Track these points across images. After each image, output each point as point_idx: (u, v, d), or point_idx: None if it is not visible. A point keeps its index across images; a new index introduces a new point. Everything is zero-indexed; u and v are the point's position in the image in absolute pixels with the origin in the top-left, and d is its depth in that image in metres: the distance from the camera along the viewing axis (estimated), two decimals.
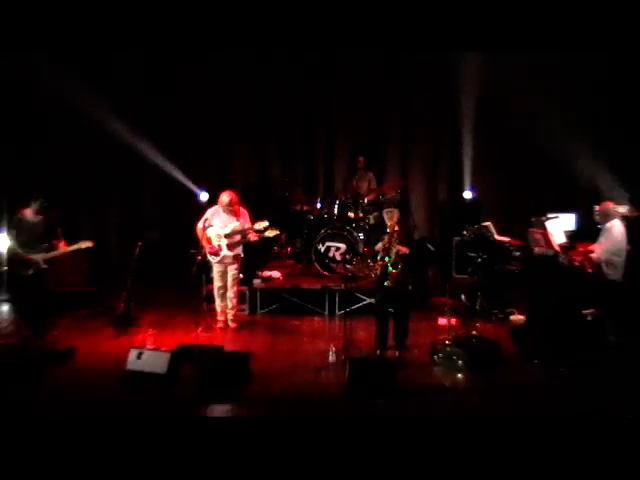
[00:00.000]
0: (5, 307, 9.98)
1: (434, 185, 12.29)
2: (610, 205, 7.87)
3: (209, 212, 8.69)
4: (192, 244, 8.79)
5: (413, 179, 12.21)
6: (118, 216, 12.14)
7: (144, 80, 11.57)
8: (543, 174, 11.39)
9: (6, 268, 10.48)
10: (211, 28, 8.22)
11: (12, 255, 7.97)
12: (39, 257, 7.83)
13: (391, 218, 7.69)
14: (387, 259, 7.52)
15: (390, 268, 7.46)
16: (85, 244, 8.05)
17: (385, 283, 7.51)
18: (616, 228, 7.67)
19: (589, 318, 7.66)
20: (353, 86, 11.78)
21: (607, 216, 7.75)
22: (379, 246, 7.68)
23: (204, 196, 11.50)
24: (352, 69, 11.58)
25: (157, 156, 11.54)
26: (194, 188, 11.65)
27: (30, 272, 7.82)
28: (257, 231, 8.48)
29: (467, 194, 11.83)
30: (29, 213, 7.89)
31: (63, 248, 8.00)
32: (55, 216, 8.01)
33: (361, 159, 11.25)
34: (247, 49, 10.55)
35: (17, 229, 7.88)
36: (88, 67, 10.89)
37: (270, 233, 8.52)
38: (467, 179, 11.87)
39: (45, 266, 7.88)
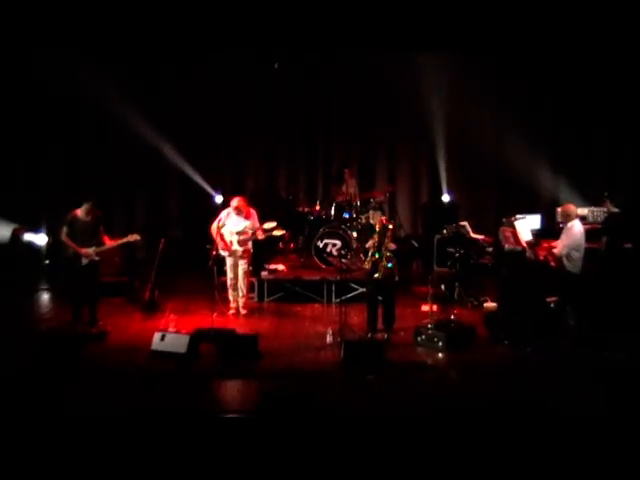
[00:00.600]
0: (46, 295, 9.90)
1: (417, 190, 12.23)
2: (571, 207, 7.81)
3: (222, 214, 8.63)
4: (208, 241, 8.71)
5: (400, 185, 12.14)
6: (145, 215, 12.03)
7: (176, 92, 11.32)
8: (512, 181, 11.38)
9: (48, 262, 10.55)
10: (226, 31, 7.81)
11: (60, 249, 7.96)
12: (91, 251, 7.77)
13: (374, 219, 7.76)
14: (377, 254, 7.48)
15: (385, 263, 7.43)
16: (133, 237, 8.00)
17: (375, 275, 7.50)
18: (576, 227, 7.60)
19: (552, 305, 7.62)
20: (353, 87, 11.50)
21: (568, 216, 7.68)
22: (370, 244, 7.65)
23: (219, 199, 11.41)
24: (352, 71, 11.32)
25: (180, 163, 11.48)
26: (211, 192, 11.58)
27: (84, 263, 7.77)
28: (266, 230, 8.42)
29: (445, 197, 11.81)
30: (80, 213, 7.81)
31: (111, 242, 7.97)
32: (100, 215, 7.97)
33: (347, 170, 11.13)
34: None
35: (70, 227, 7.81)
36: (117, 71, 10.85)
37: (277, 232, 8.47)
38: (445, 185, 11.84)
39: (97, 258, 7.85)
